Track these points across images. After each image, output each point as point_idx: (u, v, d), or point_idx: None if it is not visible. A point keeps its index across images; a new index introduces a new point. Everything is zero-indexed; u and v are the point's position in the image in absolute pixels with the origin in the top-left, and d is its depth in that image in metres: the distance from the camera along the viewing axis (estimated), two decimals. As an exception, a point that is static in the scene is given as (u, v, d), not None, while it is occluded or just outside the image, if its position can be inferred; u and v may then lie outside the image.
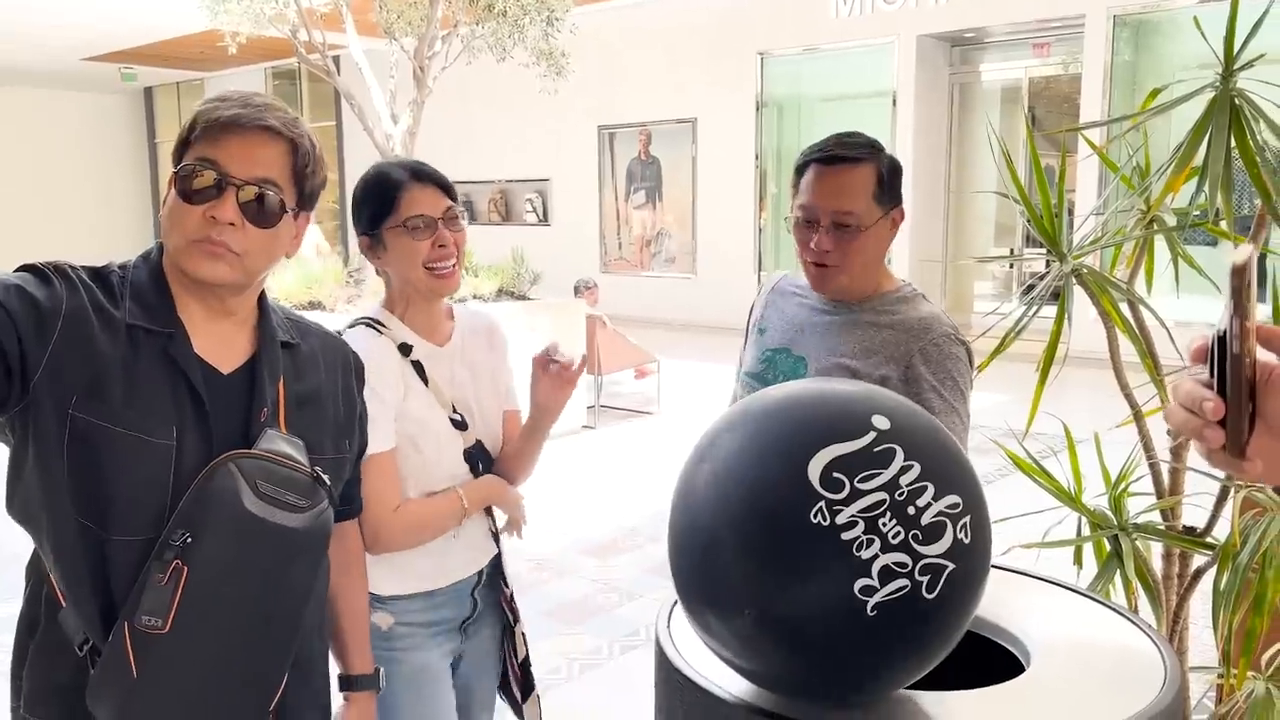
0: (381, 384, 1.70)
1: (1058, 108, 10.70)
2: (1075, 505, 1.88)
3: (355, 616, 1.67)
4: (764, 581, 1.05)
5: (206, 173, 1.30)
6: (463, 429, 1.81)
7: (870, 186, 1.74)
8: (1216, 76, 1.72)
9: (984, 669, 1.30)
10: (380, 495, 1.70)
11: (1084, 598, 1.47)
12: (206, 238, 1.30)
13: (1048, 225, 1.83)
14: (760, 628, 1.06)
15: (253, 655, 1.33)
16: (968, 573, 1.06)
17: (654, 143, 13.24)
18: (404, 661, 1.82)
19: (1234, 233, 1.81)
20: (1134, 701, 1.14)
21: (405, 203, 1.73)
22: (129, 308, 1.31)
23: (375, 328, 1.78)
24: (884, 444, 1.06)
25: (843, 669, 1.08)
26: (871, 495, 1.03)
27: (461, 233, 1.78)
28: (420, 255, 1.73)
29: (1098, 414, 2.17)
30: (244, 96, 1.36)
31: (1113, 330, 1.86)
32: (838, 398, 1.17)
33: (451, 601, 1.88)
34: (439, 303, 1.83)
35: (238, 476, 1.29)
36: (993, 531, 1.13)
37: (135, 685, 1.25)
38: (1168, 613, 1.85)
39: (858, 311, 1.81)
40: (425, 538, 1.78)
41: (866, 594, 1.01)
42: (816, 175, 1.76)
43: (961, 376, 1.73)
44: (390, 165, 1.79)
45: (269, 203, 1.33)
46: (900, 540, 1.02)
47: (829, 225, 1.73)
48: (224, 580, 1.28)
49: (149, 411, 1.28)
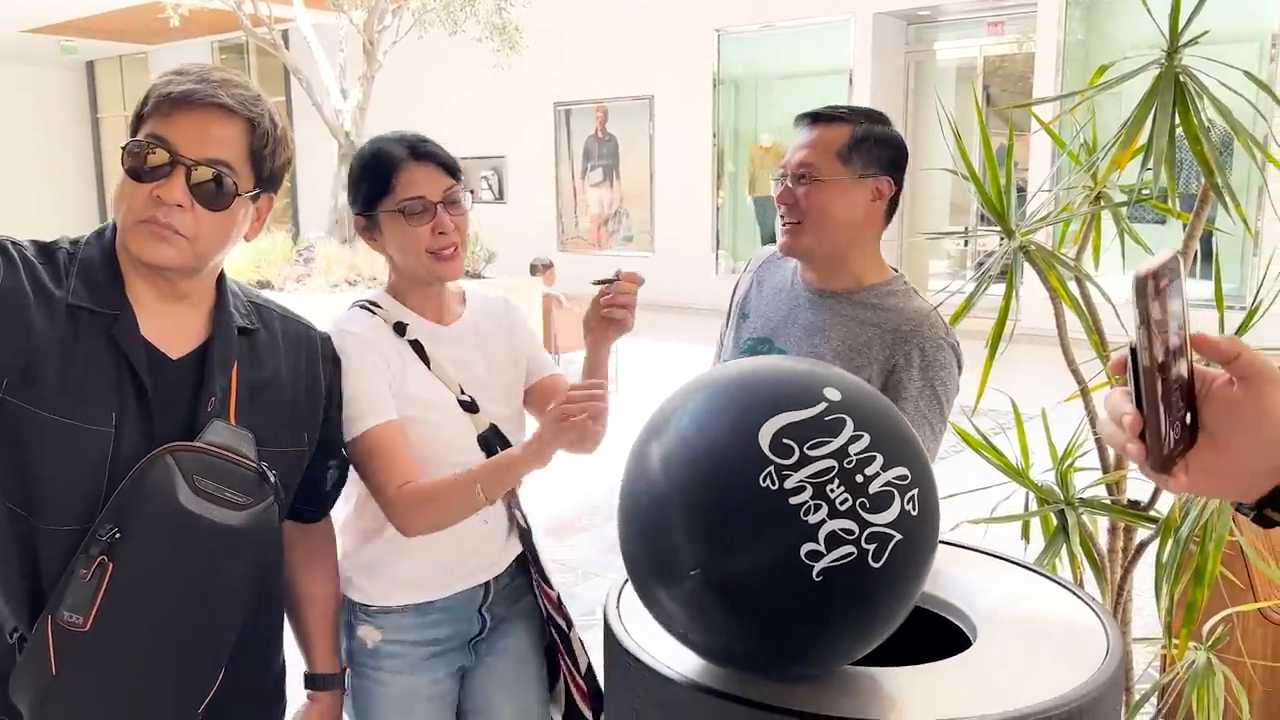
0: (367, 362, 1.59)
1: (1012, 86, 10.79)
2: (1023, 480, 1.89)
3: (320, 612, 1.62)
4: (711, 543, 1.05)
5: (156, 150, 1.24)
6: (473, 411, 1.67)
7: (837, 144, 1.72)
8: (1162, 54, 1.73)
9: (931, 643, 1.31)
10: (380, 474, 1.57)
11: (1030, 572, 1.48)
12: (152, 218, 1.24)
13: (997, 202, 1.84)
14: (706, 590, 1.06)
15: (182, 655, 1.29)
16: (914, 545, 1.07)
17: (611, 120, 13.16)
18: (389, 684, 1.68)
19: (1179, 210, 1.83)
20: (1078, 673, 1.15)
21: (402, 183, 1.61)
22: (73, 287, 1.26)
23: (370, 309, 1.68)
24: (834, 414, 1.06)
25: (789, 637, 1.07)
26: (820, 462, 1.03)
27: (463, 215, 1.66)
28: (418, 241, 1.61)
29: (1046, 391, 2.19)
30: (202, 71, 1.29)
31: (1060, 307, 1.88)
32: (791, 371, 1.18)
33: (451, 619, 1.71)
34: (443, 285, 1.72)
35: (174, 470, 1.24)
36: (941, 507, 1.14)
37: (53, 682, 1.21)
38: (1112, 586, 1.88)
39: (844, 303, 1.75)
40: (444, 516, 1.58)
41: (813, 559, 1.01)
42: (800, 134, 1.78)
43: (943, 386, 1.69)
44: (388, 141, 1.66)
45: (221, 185, 1.27)
46: (848, 507, 1.02)
47: (790, 179, 1.74)
48: (152, 579, 1.23)
49: (86, 397, 1.23)
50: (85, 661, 1.21)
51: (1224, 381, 0.73)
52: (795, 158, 1.75)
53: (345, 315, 1.67)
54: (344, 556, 1.70)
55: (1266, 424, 0.71)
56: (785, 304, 1.83)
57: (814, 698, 1.11)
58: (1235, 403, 0.72)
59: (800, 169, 1.73)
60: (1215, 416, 0.73)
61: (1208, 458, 0.74)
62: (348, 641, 1.70)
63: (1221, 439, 0.73)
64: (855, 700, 1.12)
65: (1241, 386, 0.72)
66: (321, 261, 7.32)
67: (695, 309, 9.66)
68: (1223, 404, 0.73)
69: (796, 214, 1.73)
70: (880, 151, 1.73)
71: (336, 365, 1.54)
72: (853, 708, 1.10)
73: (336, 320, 1.65)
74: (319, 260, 7.33)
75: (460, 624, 1.72)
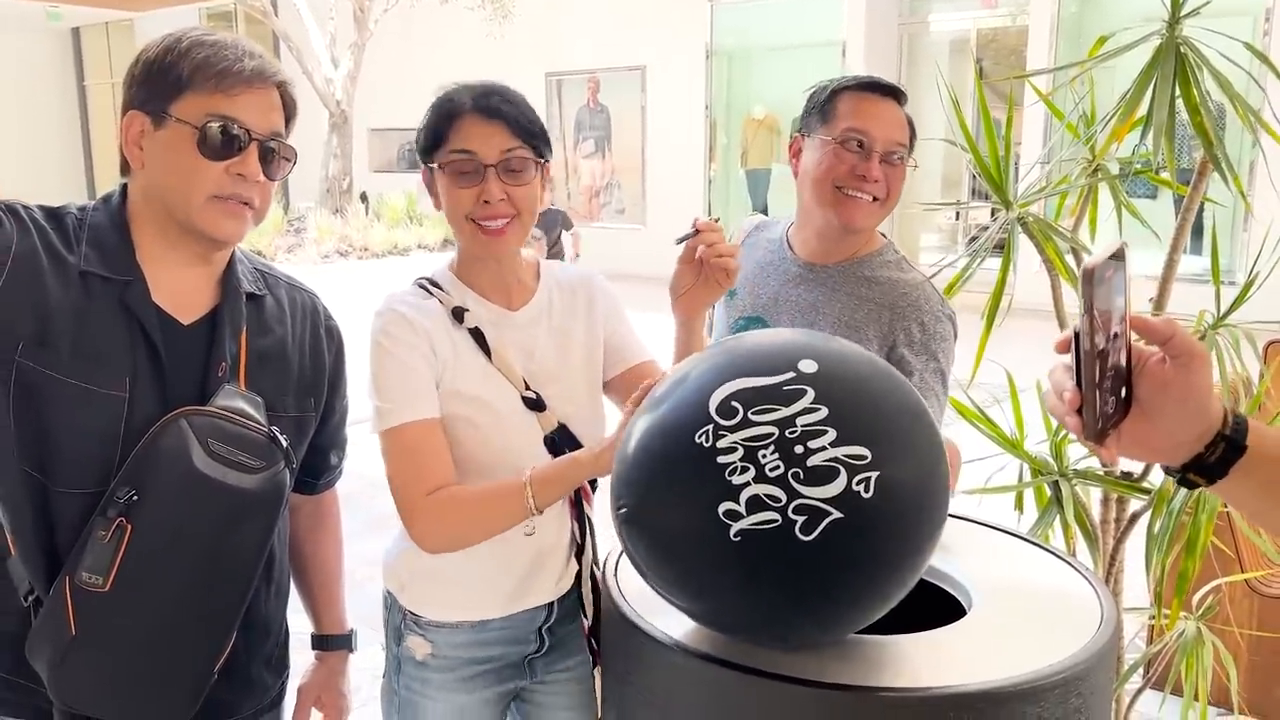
0: (410, 348, 1.42)
1: (1005, 60, 10.74)
2: (1017, 452, 1.91)
3: (327, 575, 1.64)
4: (637, 486, 1.10)
5: (235, 129, 1.28)
6: (539, 409, 1.48)
7: (906, 122, 1.71)
8: (1163, 25, 1.73)
9: (927, 612, 1.32)
10: (406, 474, 1.40)
11: (1024, 542, 1.49)
12: (234, 195, 1.29)
13: (995, 174, 1.83)
14: (628, 527, 1.11)
15: (197, 617, 1.30)
16: (860, 528, 1.02)
17: (603, 91, 13.06)
18: (437, 699, 1.55)
19: (1175, 182, 1.83)
20: (1074, 641, 1.16)
21: (457, 134, 1.42)
22: (85, 253, 1.27)
23: (428, 289, 1.50)
24: (797, 385, 1.05)
25: (710, 592, 1.09)
26: (760, 427, 1.03)
27: (523, 186, 1.43)
28: (461, 205, 1.42)
29: (1040, 364, 2.19)
30: (236, 44, 1.32)
31: (1056, 278, 1.88)
32: (775, 342, 1.17)
33: (508, 638, 1.55)
34: (508, 259, 1.51)
35: (189, 434, 1.25)
36: (932, 505, 1.08)
37: (73, 642, 1.23)
38: (1104, 556, 1.89)
39: (837, 277, 1.73)
40: (472, 533, 1.42)
41: (730, 518, 1.01)
42: (871, 102, 1.68)
43: (945, 355, 1.68)
44: (462, 88, 1.46)
45: (285, 154, 1.35)
46: (778, 474, 1.01)
47: (882, 156, 1.67)
48: (169, 541, 1.25)
49: (100, 362, 1.24)
50: (105, 622, 1.23)
51: (1158, 359, 0.82)
52: (888, 134, 1.67)
53: (399, 292, 1.50)
54: (398, 557, 1.57)
55: (1191, 397, 0.81)
56: (775, 280, 1.80)
57: (806, 664, 1.11)
58: (1166, 379, 0.81)
59: (893, 144, 1.67)
60: (1148, 390, 0.82)
61: (1139, 427, 0.83)
62: (395, 647, 1.59)
63: (1152, 410, 0.82)
64: (848, 667, 1.12)
65: (1173, 364, 0.81)
66: (313, 232, 7.27)
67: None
68: (1155, 379, 0.82)
69: (879, 191, 1.68)
70: (912, 133, 1.74)
71: (335, 337, 1.53)
72: (846, 674, 1.10)
73: (388, 297, 1.48)
74: (310, 230, 7.28)
75: (517, 644, 1.56)
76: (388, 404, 1.42)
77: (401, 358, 1.42)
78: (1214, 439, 0.83)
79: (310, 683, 1.64)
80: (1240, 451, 0.83)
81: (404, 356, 1.43)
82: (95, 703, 1.28)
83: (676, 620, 1.18)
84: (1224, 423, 0.83)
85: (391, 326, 1.44)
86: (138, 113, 1.29)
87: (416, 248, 7.04)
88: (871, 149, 1.66)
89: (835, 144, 1.67)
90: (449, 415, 1.45)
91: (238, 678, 1.42)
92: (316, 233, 7.32)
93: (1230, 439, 0.83)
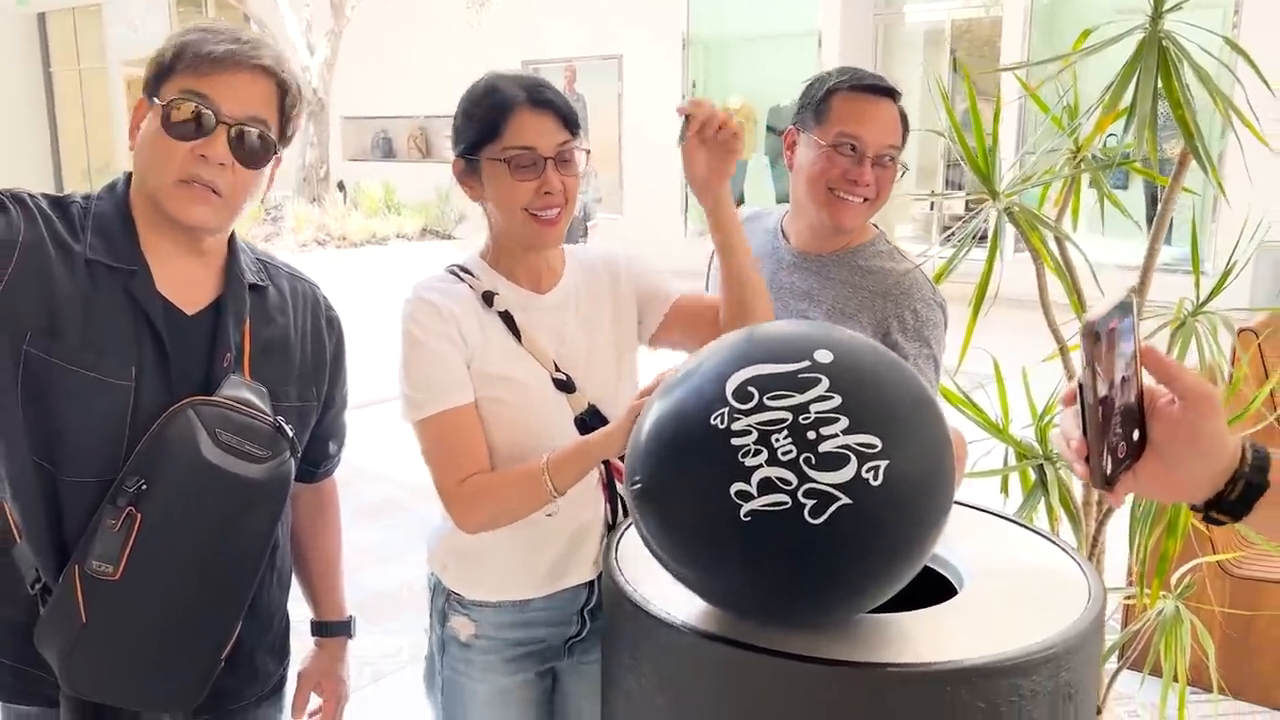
0: (440, 336, 1.44)
1: (979, 51, 10.82)
2: (1002, 436, 1.95)
3: (327, 562, 1.65)
4: (652, 460, 1.13)
5: (198, 108, 1.25)
6: (569, 390, 1.51)
7: (898, 122, 1.72)
8: (1145, 18, 1.76)
9: (919, 592, 1.35)
10: (440, 462, 1.45)
11: (1012, 523, 1.53)
12: (195, 177, 1.26)
13: (982, 164, 1.87)
14: (642, 500, 1.13)
15: (205, 604, 1.32)
16: (868, 514, 1.04)
17: (579, 79, 13.02)
18: (481, 681, 1.57)
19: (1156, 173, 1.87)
20: (1062, 618, 1.20)
21: (513, 129, 1.44)
22: (90, 242, 1.27)
23: (458, 274, 1.52)
24: (812, 373, 1.08)
25: (718, 570, 1.11)
26: (775, 412, 1.06)
27: (575, 177, 1.48)
28: (520, 198, 1.44)
29: (1022, 351, 2.24)
30: (231, 30, 1.31)
31: (1041, 268, 1.92)
32: (795, 332, 1.20)
33: (550, 618, 1.57)
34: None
35: (196, 423, 1.26)
36: (938, 495, 1.11)
37: (83, 631, 1.23)
38: (1087, 537, 1.94)
39: (831, 266, 1.77)
40: (501, 517, 1.46)
41: (741, 498, 1.04)
42: (865, 104, 1.70)
43: (937, 343, 1.71)
44: (506, 79, 1.48)
45: (263, 143, 1.30)
46: (790, 459, 1.04)
47: (874, 159, 1.69)
48: (178, 529, 1.26)
49: (107, 351, 1.24)
50: (115, 608, 1.24)
51: (1167, 400, 0.82)
52: (880, 138, 1.69)
53: (428, 279, 1.52)
54: (439, 539, 1.60)
55: (1202, 441, 0.81)
56: (770, 268, 1.82)
57: (807, 641, 1.14)
58: (1176, 421, 0.81)
59: (886, 147, 1.69)
60: (1160, 433, 0.82)
61: (1155, 468, 0.82)
62: (439, 629, 1.61)
63: (1165, 452, 0.82)
64: (849, 644, 1.15)
65: (1182, 407, 0.81)
66: (290, 221, 7.23)
67: (664, 270, 9.65)
68: (1166, 422, 0.82)
69: (870, 192, 1.70)
70: (905, 128, 1.74)
71: (335, 326, 1.54)
72: (847, 651, 1.13)
73: (417, 284, 1.50)
74: (287, 220, 7.23)
75: (559, 625, 1.59)
76: (419, 394, 1.45)
77: (431, 346, 1.45)
78: (1232, 477, 0.81)
79: (310, 668, 1.66)
80: (1262, 489, 0.81)
81: (434, 345, 1.45)
82: (105, 690, 1.28)
83: (678, 599, 1.21)
84: (1242, 460, 0.81)
85: (419, 314, 1.46)
86: (144, 99, 1.30)
87: (395, 237, 7.02)
88: (864, 154, 1.69)
89: (829, 148, 1.70)
90: (481, 397, 1.47)
91: (242, 665, 1.43)
92: (294, 222, 7.28)
93: (1249, 477, 0.81)
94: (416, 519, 1.38)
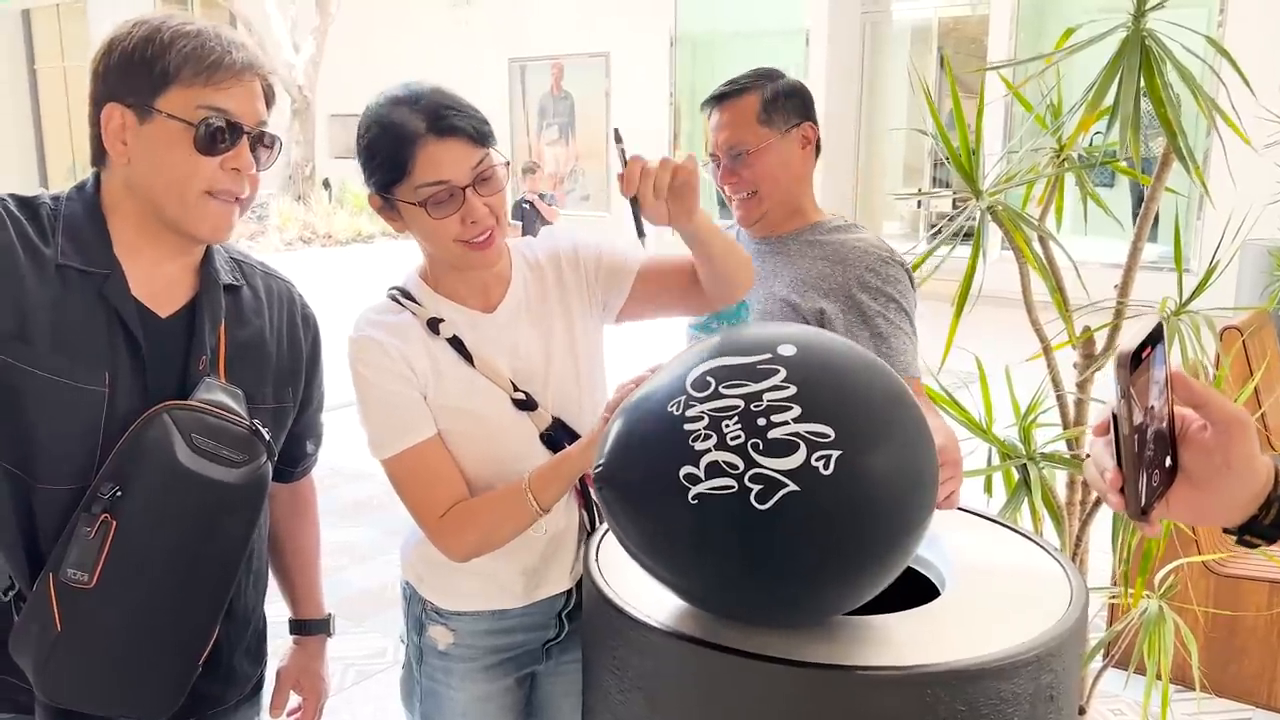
0: (391, 374, 1.40)
1: (965, 48, 10.85)
2: (986, 436, 1.94)
3: (305, 561, 1.65)
4: (613, 446, 1.15)
5: (228, 123, 1.26)
6: (530, 409, 1.46)
7: (752, 112, 1.78)
8: (1129, 18, 1.76)
9: (900, 593, 1.35)
10: (415, 499, 1.43)
11: (994, 524, 1.52)
12: (227, 190, 1.27)
13: (965, 163, 1.86)
14: (602, 483, 1.15)
15: (182, 610, 1.30)
16: (817, 503, 1.03)
17: (567, 77, 13.02)
18: (462, 690, 1.55)
19: (1140, 173, 1.87)
20: (1045, 619, 1.19)
21: (421, 165, 1.34)
22: (61, 245, 1.24)
23: (400, 301, 1.46)
24: (771, 364, 1.09)
25: (669, 554, 1.12)
26: (728, 400, 1.07)
27: (498, 193, 1.39)
28: (446, 232, 1.37)
29: (1006, 350, 2.24)
30: (215, 31, 1.30)
31: (1025, 267, 1.92)
32: (765, 331, 1.21)
33: (529, 624, 1.56)
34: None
35: (172, 428, 1.24)
36: (907, 492, 1.09)
37: (59, 638, 1.22)
38: (1070, 537, 1.94)
39: (790, 243, 1.81)
40: (491, 540, 1.43)
41: (690, 481, 1.05)
42: (709, 118, 1.83)
43: (903, 296, 1.73)
44: (401, 107, 1.36)
45: (273, 149, 1.34)
46: (738, 444, 1.04)
47: (727, 160, 1.79)
48: (154, 535, 1.24)
49: (79, 357, 1.22)
50: (91, 616, 1.22)
51: (1199, 426, 0.81)
52: (720, 140, 1.80)
53: (371, 312, 1.46)
54: (413, 549, 1.57)
55: (1234, 466, 0.80)
56: None
57: (784, 643, 1.13)
58: (1208, 447, 0.80)
59: (732, 148, 1.78)
60: (1192, 458, 0.81)
61: (1188, 493, 0.82)
62: (417, 638, 1.59)
63: (1198, 478, 0.81)
64: (827, 646, 1.14)
65: (1214, 432, 0.80)
66: (275, 219, 7.19)
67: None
68: (1198, 447, 0.81)
69: (746, 187, 1.79)
70: (792, 102, 1.81)
71: (310, 325, 1.53)
72: (825, 653, 1.12)
73: (360, 318, 1.45)
74: (273, 218, 7.20)
75: (537, 630, 1.57)
76: (380, 434, 1.43)
77: (384, 386, 1.41)
78: (1266, 500, 0.81)
79: (289, 666, 1.65)
80: None
81: (386, 385, 1.41)
82: (82, 698, 1.27)
83: (659, 602, 1.20)
84: (1275, 483, 0.81)
85: (366, 354, 1.42)
86: (117, 105, 1.25)
87: (380, 235, 6.98)
88: (720, 160, 1.80)
89: (712, 164, 1.83)
90: (443, 429, 1.44)
91: (219, 669, 1.42)
92: (279, 220, 7.24)
93: None
94: (396, 518, 1.39)
